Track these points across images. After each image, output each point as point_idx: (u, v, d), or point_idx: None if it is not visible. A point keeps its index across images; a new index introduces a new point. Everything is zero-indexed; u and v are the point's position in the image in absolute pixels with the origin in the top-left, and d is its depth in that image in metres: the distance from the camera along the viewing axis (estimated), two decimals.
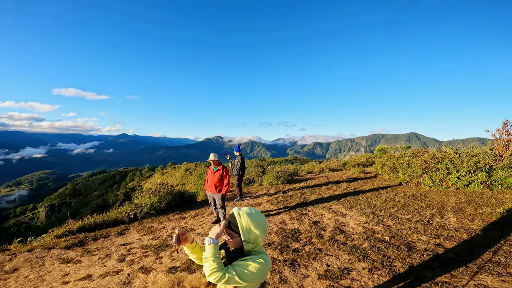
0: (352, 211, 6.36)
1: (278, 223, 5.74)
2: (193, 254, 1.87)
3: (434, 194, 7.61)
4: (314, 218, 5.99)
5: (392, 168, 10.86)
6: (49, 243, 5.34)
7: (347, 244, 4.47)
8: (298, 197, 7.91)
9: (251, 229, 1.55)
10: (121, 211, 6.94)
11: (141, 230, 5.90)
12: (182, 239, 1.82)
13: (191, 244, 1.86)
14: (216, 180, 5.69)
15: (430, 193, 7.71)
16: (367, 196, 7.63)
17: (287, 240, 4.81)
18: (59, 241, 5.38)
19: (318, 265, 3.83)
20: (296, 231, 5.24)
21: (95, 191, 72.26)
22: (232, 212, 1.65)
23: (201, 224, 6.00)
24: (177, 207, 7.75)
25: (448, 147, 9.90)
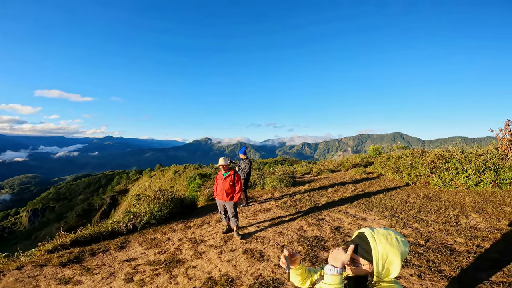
0: (370, 214, 5.98)
1: (297, 230, 5.25)
2: (297, 276, 1.57)
3: (447, 194, 7.38)
4: (333, 223, 5.55)
5: (395, 168, 10.63)
6: (40, 259, 4.59)
7: None
8: (308, 201, 7.45)
9: (391, 258, 1.14)
10: (118, 221, 6.22)
11: (143, 242, 5.23)
12: (290, 262, 1.50)
13: (298, 266, 1.55)
14: (227, 187, 5.11)
15: (442, 193, 7.48)
16: (380, 198, 7.29)
17: (313, 249, 4.37)
18: (52, 257, 4.62)
19: None
20: (319, 238, 4.79)
21: (80, 195, 69.42)
22: (363, 233, 1.22)
23: (211, 235, 5.39)
24: (179, 215, 7.07)
25: (454, 147, 9.76)
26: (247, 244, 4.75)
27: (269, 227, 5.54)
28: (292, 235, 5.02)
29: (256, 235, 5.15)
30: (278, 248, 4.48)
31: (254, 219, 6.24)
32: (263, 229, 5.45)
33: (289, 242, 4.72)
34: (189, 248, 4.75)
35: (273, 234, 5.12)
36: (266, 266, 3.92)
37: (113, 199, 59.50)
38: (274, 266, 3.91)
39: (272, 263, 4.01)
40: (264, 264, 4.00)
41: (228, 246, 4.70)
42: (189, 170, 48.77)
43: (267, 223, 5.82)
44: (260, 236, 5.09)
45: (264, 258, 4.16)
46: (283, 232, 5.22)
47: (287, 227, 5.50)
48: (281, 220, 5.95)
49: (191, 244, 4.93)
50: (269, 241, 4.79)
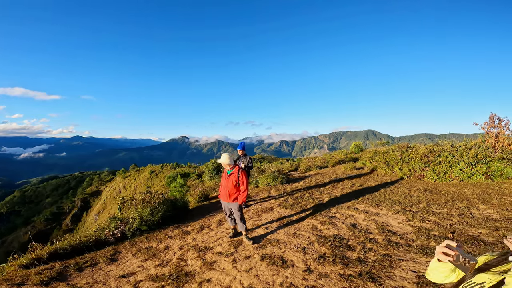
0: (381, 209, 5.70)
1: (311, 230, 4.77)
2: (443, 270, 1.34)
3: (445, 187, 7.38)
4: (346, 220, 5.16)
5: (386, 163, 10.64)
6: (15, 276, 3.61)
7: (412, 246, 3.89)
8: (309, 198, 7.03)
9: None
10: (102, 228, 5.29)
11: (137, 253, 4.41)
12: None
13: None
14: (230, 187, 4.41)
15: (440, 186, 7.48)
16: (382, 193, 7.09)
17: (339, 249, 3.94)
18: (29, 273, 3.66)
19: (402, 273, 3.20)
20: (340, 238, 4.36)
21: (47, 198, 64.04)
22: None
23: (216, 240, 4.71)
24: (172, 218, 6.27)
25: (444, 141, 9.94)
26: (261, 249, 4.17)
27: (280, 228, 5.00)
28: (308, 236, 4.53)
29: (268, 238, 4.58)
30: (299, 251, 3.96)
31: (259, 220, 5.67)
32: (273, 231, 4.90)
33: (308, 243, 4.22)
34: (195, 258, 4.05)
35: (287, 236, 4.59)
36: (294, 273, 3.38)
37: (84, 201, 55.73)
38: (303, 272, 3.39)
39: (299, 268, 3.49)
40: (290, 270, 3.46)
41: (240, 253, 4.09)
42: (167, 169, 46.87)
43: (275, 224, 5.27)
44: (273, 238, 4.54)
45: (287, 264, 3.62)
46: (296, 233, 4.71)
47: (299, 227, 5.00)
48: (289, 220, 5.44)
49: (196, 253, 4.23)
50: (285, 244, 4.25)
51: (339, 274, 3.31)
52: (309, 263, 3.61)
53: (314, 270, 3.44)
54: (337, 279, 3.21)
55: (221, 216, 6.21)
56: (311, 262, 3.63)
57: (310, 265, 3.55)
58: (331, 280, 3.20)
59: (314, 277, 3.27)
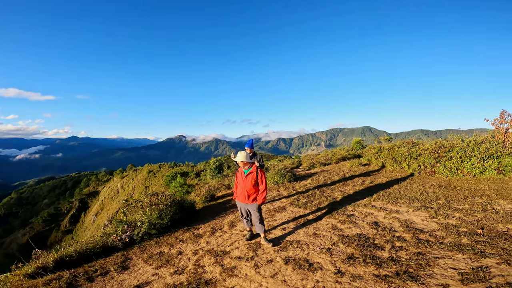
0: (400, 206, 5.47)
1: (331, 230, 4.52)
2: None
3: (458, 182, 7.19)
4: (366, 218, 4.91)
5: (393, 159, 10.44)
6: (21, 287, 3.31)
7: (443, 243, 3.71)
8: (322, 196, 6.77)
9: None
10: (109, 233, 4.95)
11: (149, 259, 4.10)
12: None
13: None
14: (249, 187, 4.13)
15: (453, 182, 7.28)
16: (396, 189, 6.86)
17: (367, 249, 3.70)
18: (36, 283, 3.32)
19: (442, 271, 3.04)
20: (364, 237, 4.12)
21: (44, 199, 63.20)
22: None
23: (232, 244, 4.42)
24: (181, 221, 5.94)
25: (454, 136, 9.76)
26: (283, 251, 3.89)
27: (297, 229, 4.72)
28: (329, 236, 4.27)
29: (287, 240, 4.30)
30: (324, 253, 3.70)
31: (273, 220, 5.39)
32: (291, 232, 4.62)
33: (332, 244, 3.96)
34: (212, 264, 3.76)
35: (307, 237, 4.32)
36: (325, 276, 3.13)
37: (82, 202, 55.13)
38: (334, 274, 3.14)
39: (329, 271, 3.23)
40: (320, 274, 3.20)
41: (261, 257, 3.80)
42: (164, 169, 46.44)
43: (292, 224, 5.00)
44: (293, 240, 4.26)
45: (315, 267, 3.36)
46: (316, 233, 4.44)
47: (317, 227, 4.73)
48: (306, 220, 5.17)
49: (212, 258, 3.93)
50: (307, 246, 3.98)
51: (373, 275, 3.08)
52: (338, 265, 3.36)
53: (346, 272, 3.20)
54: (373, 280, 2.98)
55: (232, 217, 5.93)
56: (340, 264, 3.39)
57: (340, 267, 3.31)
58: (366, 281, 2.97)
59: (347, 280, 3.03)
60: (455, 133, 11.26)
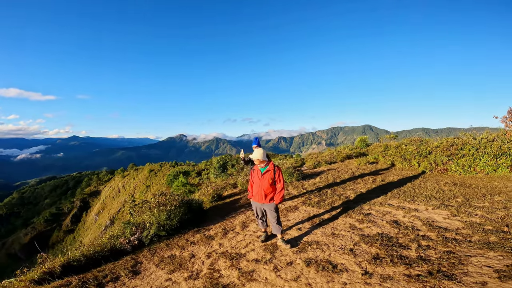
0: (418, 204, 5.26)
1: (350, 229, 4.30)
2: None
3: (472, 180, 6.98)
4: (385, 217, 4.70)
5: (402, 157, 10.22)
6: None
7: (472, 241, 3.53)
8: (334, 195, 6.55)
9: None
10: (116, 235, 4.73)
11: (160, 263, 3.88)
12: None
13: None
14: (266, 186, 3.91)
15: (467, 180, 7.07)
16: (409, 187, 6.64)
17: (392, 249, 3.50)
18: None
19: (477, 269, 2.89)
20: (386, 236, 3.91)
21: (46, 199, 63.06)
22: None
23: (247, 245, 4.20)
24: (190, 222, 5.72)
25: (466, 134, 9.55)
26: (302, 253, 3.67)
27: (314, 229, 4.51)
28: (349, 236, 4.05)
29: (305, 240, 4.09)
30: (347, 253, 3.49)
31: (287, 220, 5.17)
32: (308, 232, 4.40)
33: (353, 244, 3.75)
34: (229, 267, 3.54)
35: (326, 237, 4.11)
36: (352, 278, 2.93)
37: (83, 202, 54.92)
38: (362, 276, 2.94)
39: (356, 272, 3.03)
40: (346, 275, 3.00)
41: (280, 259, 3.58)
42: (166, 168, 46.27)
43: (307, 224, 4.78)
44: (311, 240, 4.04)
45: (339, 269, 3.15)
46: (335, 233, 4.23)
47: (335, 226, 4.51)
48: (321, 219, 4.95)
49: (228, 261, 3.72)
50: (328, 246, 3.77)
51: (404, 274, 2.89)
52: (364, 266, 3.16)
53: (374, 272, 2.99)
54: (405, 280, 2.79)
55: (243, 218, 5.71)
56: (366, 265, 3.19)
57: (366, 268, 3.11)
58: (398, 281, 2.78)
59: (377, 281, 2.83)
60: (455, 132, 11.04)
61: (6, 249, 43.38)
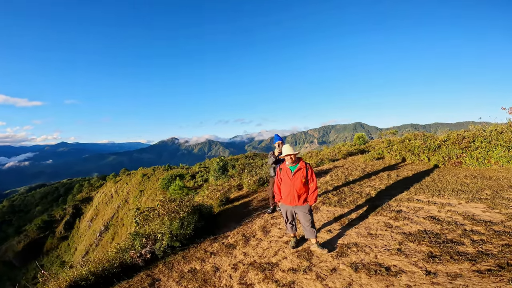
0: (449, 199, 4.93)
1: (387, 228, 3.91)
2: None
3: (489, 172, 6.74)
4: (419, 213, 4.35)
5: (411, 152, 9.97)
6: None
7: None
8: (354, 193, 6.13)
9: None
10: (125, 248, 4.15)
11: (181, 279, 3.33)
12: None
13: None
14: (299, 186, 3.45)
15: (485, 172, 6.83)
16: (431, 182, 6.31)
17: (444, 246, 3.16)
18: None
19: None
20: (431, 233, 3.57)
21: (37, 207, 60.98)
22: None
23: (276, 253, 3.70)
24: (203, 229, 5.16)
25: (476, 126, 9.36)
26: (343, 257, 3.23)
27: (345, 229, 4.07)
28: (389, 235, 3.66)
29: (340, 243, 3.65)
30: (395, 254, 3.11)
31: None
32: (340, 234, 3.96)
33: (398, 243, 3.36)
34: (262, 280, 3.04)
35: (362, 238, 3.68)
36: (416, 279, 2.60)
37: (76, 208, 53.26)
38: (425, 276, 2.60)
39: (416, 273, 2.68)
40: (406, 278, 2.64)
41: (319, 266, 3.12)
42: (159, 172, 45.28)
43: (336, 225, 4.34)
44: (348, 242, 3.61)
45: (394, 271, 2.77)
46: (371, 233, 3.81)
47: (368, 226, 4.09)
48: (350, 219, 4.51)
49: (259, 273, 3.22)
50: (370, 248, 3.34)
51: (473, 271, 2.56)
52: (422, 265, 2.80)
53: (437, 272, 2.65)
54: (477, 276, 2.48)
55: (261, 222, 5.21)
56: (425, 264, 2.82)
57: (426, 268, 2.75)
58: (470, 278, 2.46)
59: (445, 279, 2.49)
60: (443, 126, 10.92)
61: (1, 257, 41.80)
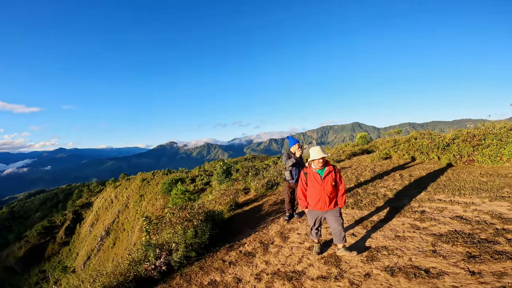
0: (471, 198, 4.76)
1: (414, 229, 3.72)
2: None
3: (504, 170, 6.62)
4: (444, 214, 4.18)
5: (419, 151, 9.80)
6: None
7: None
8: (370, 195, 5.92)
9: None
10: (137, 259, 3.89)
11: None
12: None
13: None
14: (330, 189, 3.26)
15: (499, 170, 6.70)
16: (448, 181, 6.13)
17: (482, 245, 3.01)
18: None
19: None
20: (462, 233, 3.39)
21: (37, 213, 60.64)
22: None
23: (300, 260, 3.44)
24: (217, 237, 4.89)
25: (486, 123, 9.22)
26: (374, 261, 3.03)
27: (370, 232, 3.86)
28: (418, 236, 3.48)
29: (368, 246, 3.47)
30: (432, 256, 2.94)
31: None
32: (366, 237, 3.75)
33: (431, 245, 3.21)
34: None
35: (390, 240, 3.48)
36: (461, 280, 2.47)
37: (76, 214, 52.84)
38: (471, 276, 2.44)
39: (459, 274, 2.54)
40: (450, 279, 2.51)
41: (350, 272, 2.90)
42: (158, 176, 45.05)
43: (359, 228, 4.11)
44: (377, 246, 3.41)
45: (434, 273, 2.63)
46: (399, 235, 3.60)
47: (393, 228, 3.88)
48: (372, 221, 4.30)
49: (286, 283, 2.98)
50: (401, 251, 3.13)
51: None
52: (463, 266, 2.65)
53: (481, 271, 2.51)
54: None
55: (277, 227, 4.96)
56: (466, 264, 2.67)
57: (469, 268, 2.60)
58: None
59: (491, 279, 2.39)
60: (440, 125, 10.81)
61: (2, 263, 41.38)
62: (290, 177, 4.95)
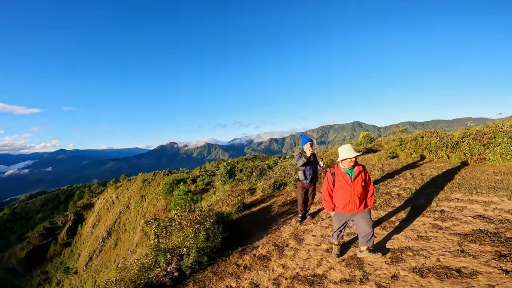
0: (489, 197, 4.63)
1: (436, 229, 3.58)
2: None
3: None
4: (464, 213, 4.05)
5: (428, 150, 9.65)
6: None
7: None
8: (383, 194, 5.76)
9: None
10: (147, 265, 3.71)
11: None
12: None
13: None
14: (360, 191, 3.10)
15: None
16: (462, 180, 5.97)
17: (510, 244, 2.89)
18: None
19: None
20: (488, 232, 3.27)
21: (38, 214, 60.70)
22: None
23: (320, 263, 3.26)
24: (228, 239, 4.71)
25: (496, 121, 9.08)
26: (400, 262, 2.89)
27: (391, 234, 3.71)
28: (442, 236, 3.36)
29: (390, 247, 3.31)
30: (461, 255, 2.80)
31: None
32: (387, 238, 3.61)
33: (457, 244, 3.08)
34: None
35: (413, 241, 3.34)
36: (496, 279, 2.36)
37: (77, 215, 52.80)
38: (505, 275, 2.35)
39: (493, 273, 2.42)
40: (484, 279, 2.43)
41: (376, 274, 2.75)
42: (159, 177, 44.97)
43: (378, 229, 3.94)
44: (400, 247, 3.28)
45: (466, 273, 2.56)
46: (421, 235, 3.46)
47: (414, 228, 3.72)
48: (389, 222, 4.14)
49: (307, 287, 2.83)
50: (427, 251, 2.99)
51: None
52: (495, 265, 2.55)
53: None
54: None
55: (290, 229, 4.79)
56: (498, 264, 2.56)
57: (502, 267, 2.51)
58: None
59: None
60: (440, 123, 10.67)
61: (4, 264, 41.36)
62: (303, 177, 4.75)
